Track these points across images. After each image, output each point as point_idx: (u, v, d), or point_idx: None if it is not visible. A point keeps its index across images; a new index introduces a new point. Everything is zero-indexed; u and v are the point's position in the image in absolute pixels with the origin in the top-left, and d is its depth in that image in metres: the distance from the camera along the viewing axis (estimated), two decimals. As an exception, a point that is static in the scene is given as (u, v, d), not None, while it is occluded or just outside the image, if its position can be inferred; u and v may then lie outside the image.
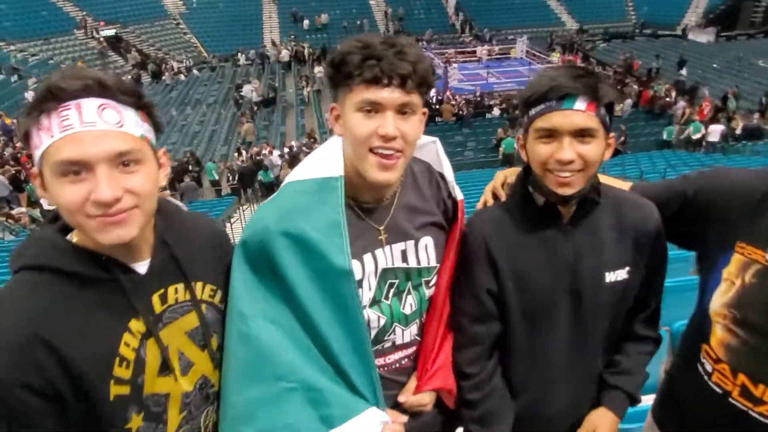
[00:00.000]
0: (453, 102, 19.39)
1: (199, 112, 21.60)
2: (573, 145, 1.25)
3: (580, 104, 1.24)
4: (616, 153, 14.78)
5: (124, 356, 1.07)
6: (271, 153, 15.45)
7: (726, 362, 1.28)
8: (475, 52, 27.10)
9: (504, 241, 1.40)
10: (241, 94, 22.15)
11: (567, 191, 1.29)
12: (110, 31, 29.48)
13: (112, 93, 1.01)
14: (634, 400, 1.52)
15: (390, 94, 1.17)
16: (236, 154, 16.30)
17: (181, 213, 1.30)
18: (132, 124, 1.03)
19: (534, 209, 1.41)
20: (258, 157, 15.37)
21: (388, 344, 1.39)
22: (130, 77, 25.70)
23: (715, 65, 23.01)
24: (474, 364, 1.44)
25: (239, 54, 28.36)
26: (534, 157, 1.32)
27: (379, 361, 1.36)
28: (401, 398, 1.39)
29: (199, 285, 1.23)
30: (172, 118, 20.96)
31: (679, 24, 30.97)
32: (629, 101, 18.63)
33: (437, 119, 18.48)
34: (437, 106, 19.19)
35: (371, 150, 1.21)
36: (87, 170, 0.97)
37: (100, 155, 0.97)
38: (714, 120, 16.37)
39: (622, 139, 15.48)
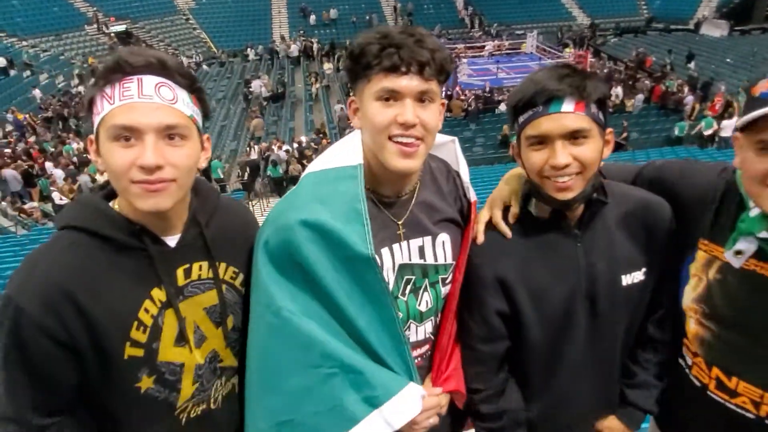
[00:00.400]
0: (463, 97, 19.29)
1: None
2: (567, 148, 1.21)
3: (568, 106, 1.20)
4: (618, 147, 14.69)
5: (142, 321, 1.15)
6: (280, 148, 15.45)
7: (701, 356, 1.30)
8: (484, 47, 26.92)
9: (513, 261, 1.36)
10: (250, 89, 22.16)
11: (567, 195, 1.25)
12: (120, 27, 29.61)
13: (171, 73, 1.12)
14: (651, 413, 1.51)
15: (409, 82, 1.17)
16: (248, 148, 16.30)
17: (218, 197, 1.38)
18: (184, 103, 1.13)
19: (539, 221, 1.38)
20: (267, 153, 15.37)
21: None
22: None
23: (728, 60, 22.70)
24: (479, 381, 1.43)
25: (248, 49, 28.39)
26: (529, 166, 1.29)
27: None
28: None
29: (222, 265, 1.30)
30: (182, 114, 20.96)
31: (692, 18, 30.58)
32: (641, 96, 18.45)
33: (446, 114, 18.38)
34: (446, 101, 19.07)
35: (391, 138, 1.20)
36: (137, 138, 1.07)
37: (152, 125, 1.08)
38: (725, 115, 16.16)
39: (624, 135, 15.34)
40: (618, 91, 18.68)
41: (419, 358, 1.42)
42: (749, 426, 1.22)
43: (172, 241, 1.21)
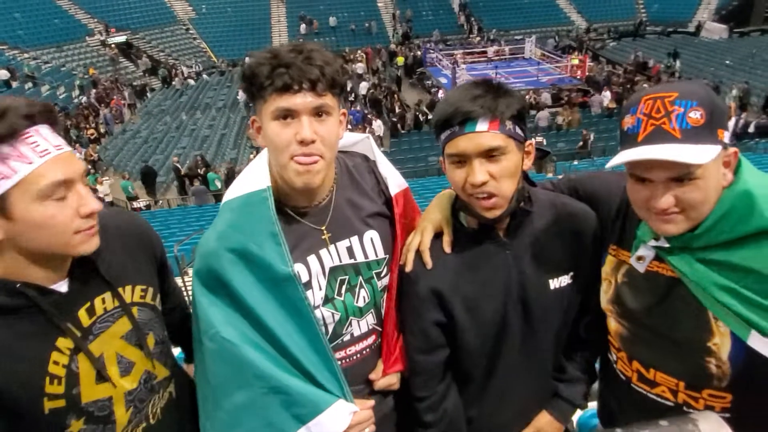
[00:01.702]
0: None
1: (209, 116, 21.75)
2: (484, 166, 1.26)
3: (482, 125, 1.24)
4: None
5: (55, 374, 1.10)
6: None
7: (624, 351, 1.39)
8: (484, 52, 26.98)
9: (447, 273, 1.40)
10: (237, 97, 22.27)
11: (496, 213, 1.30)
12: (121, 38, 29.81)
13: (54, 117, 1.08)
14: (580, 407, 1.59)
15: (303, 99, 1.21)
16: (251, 156, 16.35)
17: (103, 220, 1.25)
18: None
19: (468, 232, 1.42)
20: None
21: (347, 337, 1.44)
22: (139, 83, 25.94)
23: (727, 62, 22.71)
24: (424, 389, 1.47)
25: (248, 58, 28.35)
26: (453, 183, 1.34)
27: (340, 354, 1.42)
28: (372, 376, 1.47)
29: (128, 289, 1.26)
30: (182, 123, 21.14)
31: (691, 21, 30.62)
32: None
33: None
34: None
35: (292, 158, 1.24)
36: (67, 189, 1.06)
37: (78, 172, 1.08)
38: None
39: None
40: (607, 95, 18.70)
41: (367, 349, 1.48)
42: (670, 413, 1.29)
43: (62, 286, 1.14)
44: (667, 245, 1.22)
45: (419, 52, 27.13)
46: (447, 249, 1.42)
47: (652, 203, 1.15)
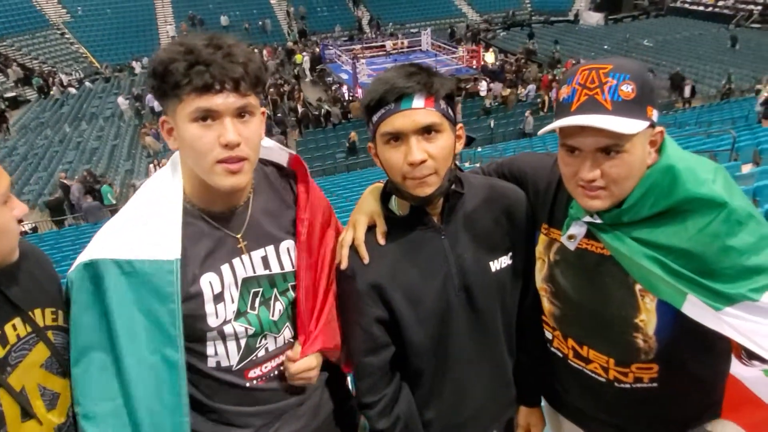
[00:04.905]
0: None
1: (96, 127, 20.19)
2: (421, 144, 1.24)
3: (418, 102, 1.23)
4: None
5: None
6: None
7: (559, 329, 1.42)
8: (382, 46, 27.18)
9: (383, 265, 1.35)
10: (131, 105, 20.93)
11: (427, 191, 1.26)
12: (-16, 46, 26.88)
13: None
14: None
15: (225, 100, 1.11)
16: (150, 166, 15.28)
17: None
18: None
19: (401, 220, 1.38)
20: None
21: (261, 352, 1.33)
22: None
23: (606, 47, 24.48)
24: (371, 394, 1.41)
25: (134, 62, 26.80)
26: (387, 165, 1.29)
27: (256, 372, 1.32)
28: (287, 363, 1.34)
29: (38, 312, 1.16)
30: (66, 135, 19.49)
31: (570, 10, 32.73)
32: (532, 86, 19.38)
33: (349, 116, 18.36)
34: (347, 102, 19.09)
35: (216, 162, 1.14)
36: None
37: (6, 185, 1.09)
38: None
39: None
40: (494, 86, 19.41)
41: (284, 366, 1.36)
42: (603, 388, 1.36)
43: None
44: (599, 221, 1.24)
45: (317, 49, 26.83)
46: (381, 240, 1.37)
47: (579, 175, 1.16)
